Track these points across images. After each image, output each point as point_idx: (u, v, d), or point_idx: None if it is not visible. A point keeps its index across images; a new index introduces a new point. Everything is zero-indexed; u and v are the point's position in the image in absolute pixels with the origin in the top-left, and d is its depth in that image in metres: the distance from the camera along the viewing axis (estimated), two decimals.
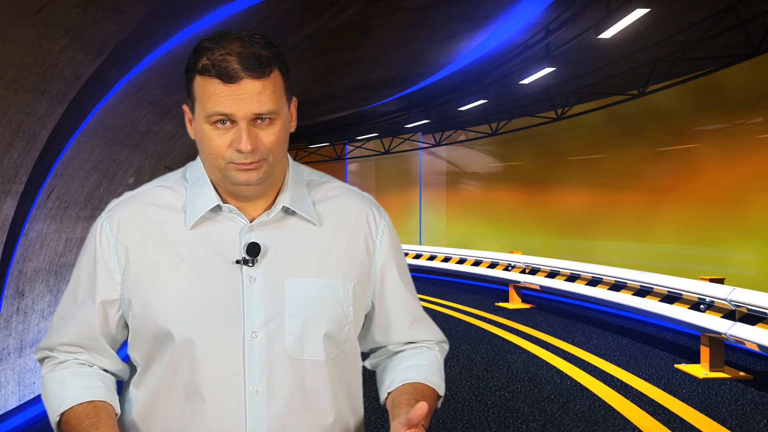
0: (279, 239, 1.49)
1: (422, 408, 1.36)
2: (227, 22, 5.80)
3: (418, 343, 1.66)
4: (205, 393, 1.44)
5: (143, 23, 4.70)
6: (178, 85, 6.80)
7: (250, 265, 1.45)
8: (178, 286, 1.45)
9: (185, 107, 1.50)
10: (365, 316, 1.62)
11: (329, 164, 19.75)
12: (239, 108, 1.39)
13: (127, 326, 1.53)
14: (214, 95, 1.40)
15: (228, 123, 1.40)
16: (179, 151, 8.78)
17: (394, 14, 8.36)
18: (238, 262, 1.46)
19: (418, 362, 1.61)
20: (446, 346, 1.71)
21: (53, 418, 1.46)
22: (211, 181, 1.50)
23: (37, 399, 5.90)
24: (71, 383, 1.48)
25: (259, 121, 1.41)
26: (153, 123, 7.01)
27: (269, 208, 1.51)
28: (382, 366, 1.66)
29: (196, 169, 1.55)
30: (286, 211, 1.51)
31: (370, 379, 1.73)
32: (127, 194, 1.56)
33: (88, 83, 4.88)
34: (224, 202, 1.49)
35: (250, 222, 1.49)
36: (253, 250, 1.45)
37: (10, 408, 5.46)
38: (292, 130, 1.50)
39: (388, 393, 1.56)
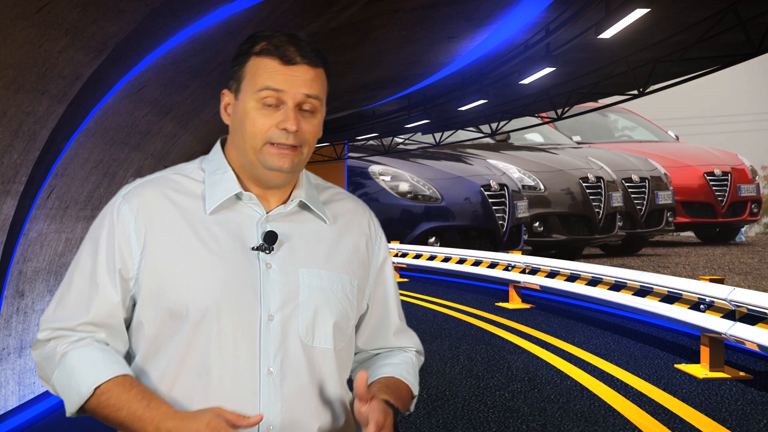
0: (293, 231, 1.55)
1: (361, 377, 1.43)
2: (227, 22, 5.81)
3: (395, 348, 1.72)
4: (219, 372, 1.46)
5: (143, 23, 4.70)
6: (178, 85, 6.80)
7: (267, 252, 1.51)
8: (197, 266, 1.49)
9: (225, 91, 1.56)
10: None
11: (329, 164, 19.72)
12: (291, 86, 1.49)
13: (132, 310, 1.54)
14: (269, 71, 1.49)
15: (273, 106, 1.48)
16: (179, 151, 8.78)
17: (394, 14, 8.36)
18: (255, 248, 1.51)
19: (393, 361, 1.67)
20: (422, 358, 1.76)
21: (84, 391, 1.44)
22: (233, 169, 1.56)
23: (37, 399, 5.90)
24: (101, 358, 1.48)
25: (303, 110, 1.50)
26: (153, 123, 7.01)
27: (285, 202, 1.57)
28: (357, 369, 1.70)
29: (213, 159, 1.59)
30: (302, 206, 1.58)
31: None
32: (141, 179, 1.59)
33: (88, 83, 4.88)
34: (245, 191, 1.55)
35: (267, 213, 1.55)
36: (271, 238, 1.51)
37: (10, 408, 5.46)
38: (319, 136, 1.58)
39: None
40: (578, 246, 15.04)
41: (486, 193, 12.65)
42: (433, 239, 12.05)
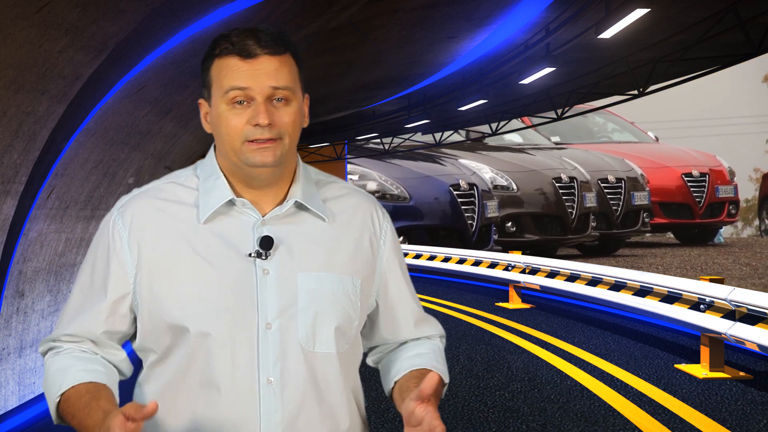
0: (291, 233, 1.51)
1: (432, 378, 1.40)
2: (227, 22, 5.81)
3: (421, 337, 1.69)
4: (220, 383, 1.45)
5: (143, 23, 4.71)
6: (178, 85, 6.80)
7: (263, 258, 1.48)
8: (192, 278, 1.47)
9: (201, 101, 1.55)
10: (368, 316, 1.63)
11: (329, 164, 19.72)
12: (256, 82, 1.44)
13: (135, 321, 1.54)
14: (231, 71, 1.45)
15: (245, 103, 1.45)
16: (179, 151, 8.78)
17: (394, 14, 8.37)
18: (251, 255, 1.47)
19: (422, 351, 1.63)
20: (444, 341, 1.73)
21: (53, 399, 1.46)
22: (224, 174, 1.52)
23: (38, 399, 5.90)
24: (73, 366, 1.48)
25: (275, 101, 1.45)
26: (153, 123, 7.02)
27: (281, 202, 1.53)
28: (386, 360, 1.68)
29: (207, 165, 1.56)
30: (298, 206, 1.53)
31: (369, 379, 1.73)
32: (137, 190, 1.57)
33: (88, 83, 4.88)
34: (238, 196, 1.51)
35: (263, 216, 1.51)
36: (267, 243, 1.47)
37: (10, 408, 5.46)
38: (305, 125, 1.54)
39: (395, 382, 1.59)
40: (551, 246, 15.04)
41: (455, 192, 12.69)
42: (401, 239, 12.14)
